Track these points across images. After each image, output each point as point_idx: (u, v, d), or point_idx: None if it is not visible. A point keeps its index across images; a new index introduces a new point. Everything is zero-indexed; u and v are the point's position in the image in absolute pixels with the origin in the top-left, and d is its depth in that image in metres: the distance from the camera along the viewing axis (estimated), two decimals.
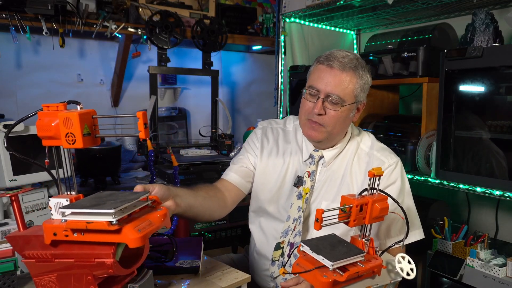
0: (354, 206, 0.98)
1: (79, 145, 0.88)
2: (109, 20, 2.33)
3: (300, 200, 1.39)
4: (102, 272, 0.87)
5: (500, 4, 1.94)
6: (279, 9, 2.38)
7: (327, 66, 1.30)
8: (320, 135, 1.33)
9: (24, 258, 0.93)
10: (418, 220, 1.38)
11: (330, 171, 1.40)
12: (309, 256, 0.99)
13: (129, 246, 0.83)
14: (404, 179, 1.38)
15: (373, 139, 1.44)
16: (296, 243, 1.37)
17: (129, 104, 2.96)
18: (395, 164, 1.35)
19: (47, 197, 1.54)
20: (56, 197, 0.94)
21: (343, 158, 1.41)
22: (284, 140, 1.50)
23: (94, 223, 0.82)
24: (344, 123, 1.34)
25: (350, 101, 1.30)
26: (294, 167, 1.44)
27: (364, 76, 1.32)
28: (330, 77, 1.29)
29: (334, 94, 1.28)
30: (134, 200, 0.89)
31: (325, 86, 1.29)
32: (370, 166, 1.34)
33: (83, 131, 0.88)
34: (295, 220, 1.38)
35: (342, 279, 0.93)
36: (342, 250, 0.98)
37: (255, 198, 1.51)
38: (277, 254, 1.40)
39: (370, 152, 1.39)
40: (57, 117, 0.89)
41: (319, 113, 1.29)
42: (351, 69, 1.29)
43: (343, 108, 1.30)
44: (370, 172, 1.00)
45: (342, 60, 1.29)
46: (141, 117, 0.89)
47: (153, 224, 0.89)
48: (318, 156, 1.40)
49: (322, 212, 0.95)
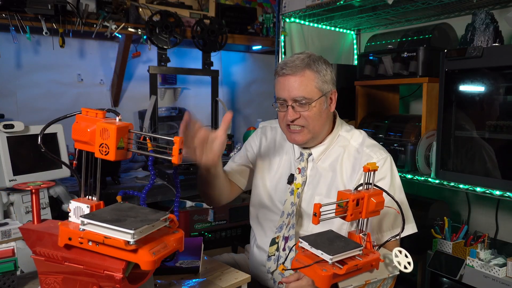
0: (350, 200, 0.99)
1: (111, 157, 0.86)
2: (109, 20, 2.33)
3: (292, 196, 1.44)
4: (109, 285, 0.86)
5: (500, 4, 1.93)
6: (279, 9, 2.38)
7: (282, 75, 1.37)
8: (304, 137, 1.39)
9: (34, 253, 0.93)
10: (411, 214, 1.40)
11: (320, 167, 1.45)
12: (308, 251, 1.00)
13: (142, 268, 0.82)
14: (394, 175, 1.40)
15: (365, 136, 1.47)
16: (290, 236, 1.41)
17: (129, 104, 2.96)
18: (383, 159, 1.38)
19: (47, 198, 1.54)
20: (76, 200, 0.93)
21: (332, 154, 1.45)
22: (282, 138, 1.56)
23: (112, 239, 0.81)
24: (321, 117, 1.39)
25: (317, 96, 1.36)
26: (289, 164, 1.51)
27: (320, 69, 1.37)
28: (289, 84, 1.36)
29: (299, 97, 1.35)
30: (155, 220, 0.87)
31: (288, 93, 1.36)
32: (359, 162, 1.39)
33: (118, 145, 0.86)
34: (289, 215, 1.43)
35: (341, 272, 0.94)
36: (340, 244, 1.00)
37: (254, 194, 1.57)
38: (273, 249, 1.44)
39: (360, 148, 1.42)
40: (95, 124, 0.87)
41: (293, 118, 1.36)
42: (304, 68, 1.35)
43: (312, 105, 1.36)
44: (365, 167, 1.02)
45: (292, 64, 1.36)
46: (177, 142, 0.86)
47: (167, 247, 0.88)
48: (307, 153, 1.46)
49: (320, 206, 0.97)
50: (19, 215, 1.47)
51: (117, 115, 0.89)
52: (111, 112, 0.93)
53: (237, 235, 2.41)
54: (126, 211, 0.90)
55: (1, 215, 1.43)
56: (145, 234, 0.84)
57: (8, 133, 1.46)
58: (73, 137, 0.91)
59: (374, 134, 2.06)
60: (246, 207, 1.63)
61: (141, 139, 0.92)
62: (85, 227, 0.85)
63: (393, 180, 1.38)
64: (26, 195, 1.47)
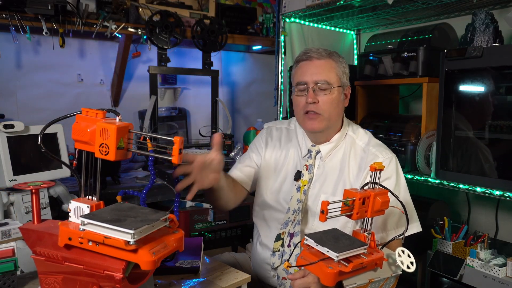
0: (357, 199, 1.00)
1: (111, 157, 0.86)
2: (109, 20, 2.32)
3: (299, 193, 1.44)
4: (109, 285, 0.86)
5: (500, 4, 1.94)
6: (279, 9, 2.38)
7: (307, 59, 1.42)
8: (320, 124, 1.40)
9: (34, 253, 0.93)
10: (415, 214, 1.41)
11: (327, 165, 1.46)
12: (313, 249, 1.01)
13: (142, 268, 0.82)
14: (400, 175, 1.41)
15: (370, 136, 1.49)
16: (296, 232, 1.42)
17: (129, 104, 2.95)
18: (389, 159, 1.40)
19: (47, 198, 1.54)
20: (76, 200, 0.93)
21: (339, 153, 1.46)
22: (287, 138, 1.58)
23: (112, 239, 0.81)
24: (338, 107, 1.42)
25: (337, 84, 1.41)
26: (295, 163, 1.52)
27: (342, 61, 1.45)
28: (313, 67, 1.40)
29: (321, 80, 1.38)
30: (155, 220, 0.87)
31: (311, 76, 1.39)
32: (365, 161, 1.41)
33: (118, 145, 0.86)
34: (295, 212, 1.44)
35: (347, 270, 0.95)
36: (345, 242, 1.01)
37: (260, 192, 1.57)
38: (278, 245, 1.44)
39: (366, 148, 1.44)
40: (95, 124, 0.87)
41: (313, 101, 1.38)
42: (328, 56, 1.42)
43: (332, 91, 1.39)
44: (372, 166, 1.03)
45: (317, 51, 1.42)
46: (177, 142, 0.86)
47: (167, 247, 0.88)
48: (316, 150, 1.47)
49: (328, 204, 0.98)
50: (19, 215, 1.47)
51: (117, 115, 0.89)
52: (111, 112, 0.93)
53: (237, 235, 2.41)
54: (126, 211, 0.90)
55: (1, 215, 1.43)
56: (145, 234, 0.84)
57: (8, 133, 1.46)
58: (73, 137, 0.91)
59: (374, 134, 2.04)
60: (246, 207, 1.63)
61: (141, 139, 0.92)
62: (85, 227, 0.85)
63: (398, 179, 1.39)
64: (26, 195, 1.47)
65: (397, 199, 1.06)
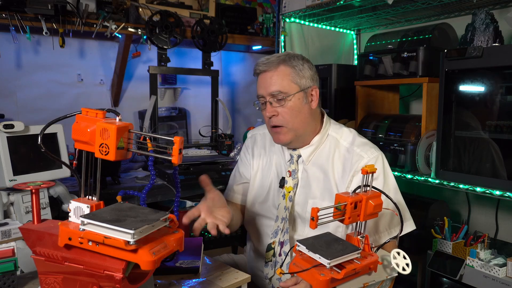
0: (348, 203, 0.98)
1: (111, 157, 0.86)
2: (109, 20, 2.32)
3: (285, 200, 1.42)
4: (109, 285, 0.86)
5: (500, 4, 1.93)
6: (279, 9, 2.38)
7: (259, 73, 1.40)
8: (286, 137, 1.37)
9: (34, 253, 0.93)
10: (408, 212, 1.38)
11: (311, 169, 1.42)
12: (305, 255, 0.99)
13: (142, 268, 0.82)
14: (387, 173, 1.36)
15: (355, 134, 1.43)
16: (285, 241, 1.40)
17: (129, 104, 2.96)
18: (375, 158, 1.34)
19: (47, 198, 1.54)
20: (76, 200, 0.93)
21: (323, 155, 1.42)
22: (271, 144, 1.54)
23: (112, 239, 0.81)
24: (301, 113, 1.36)
25: (294, 91, 1.35)
26: (279, 169, 1.49)
27: (296, 65, 1.36)
28: (266, 79, 1.37)
29: (275, 91, 1.35)
30: (155, 220, 0.87)
31: (265, 89, 1.37)
32: (350, 162, 1.36)
33: (118, 145, 0.86)
34: (283, 220, 1.41)
35: (339, 277, 0.93)
36: (338, 247, 0.99)
37: (250, 200, 1.55)
38: (269, 255, 1.43)
39: (350, 147, 1.39)
40: (95, 124, 0.87)
41: (272, 114, 1.36)
42: (279, 64, 1.36)
43: (288, 99, 1.34)
44: (363, 169, 1.01)
45: (266, 61, 1.38)
46: (177, 142, 0.86)
47: (167, 247, 0.88)
48: (297, 155, 1.43)
49: (318, 210, 0.95)
50: (19, 215, 1.47)
51: (117, 115, 0.89)
52: (111, 112, 0.93)
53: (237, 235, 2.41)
54: (126, 211, 0.90)
55: (1, 215, 1.43)
56: (145, 234, 0.84)
57: (8, 133, 1.46)
58: (73, 137, 0.91)
59: (374, 134, 2.06)
60: None
61: (141, 139, 0.92)
62: (85, 227, 0.85)
63: (386, 179, 1.35)
64: (26, 195, 1.47)
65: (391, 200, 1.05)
